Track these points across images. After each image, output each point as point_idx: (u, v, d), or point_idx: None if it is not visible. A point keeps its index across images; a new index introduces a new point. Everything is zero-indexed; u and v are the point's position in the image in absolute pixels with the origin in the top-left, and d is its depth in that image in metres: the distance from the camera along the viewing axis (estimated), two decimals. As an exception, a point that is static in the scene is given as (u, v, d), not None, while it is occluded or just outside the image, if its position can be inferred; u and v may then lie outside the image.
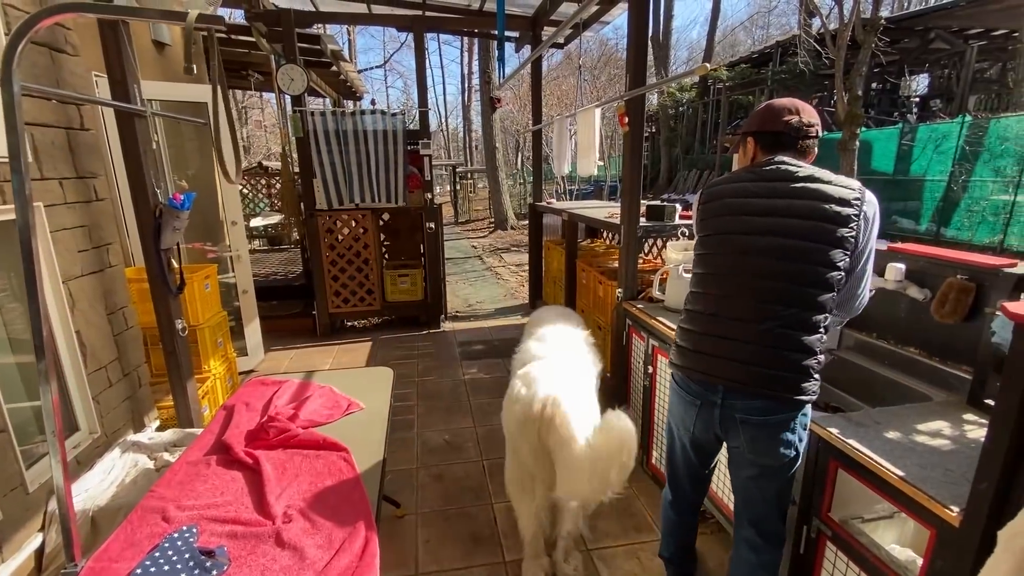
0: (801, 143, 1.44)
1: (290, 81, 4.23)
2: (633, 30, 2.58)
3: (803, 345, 1.33)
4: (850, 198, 1.32)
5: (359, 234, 4.77)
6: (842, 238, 1.30)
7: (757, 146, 1.49)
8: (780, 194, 1.37)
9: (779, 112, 1.44)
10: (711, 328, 1.44)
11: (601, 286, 3.32)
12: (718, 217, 1.47)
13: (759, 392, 1.35)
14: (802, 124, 1.42)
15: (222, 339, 3.42)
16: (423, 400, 3.51)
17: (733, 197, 1.45)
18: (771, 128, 1.45)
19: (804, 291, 1.32)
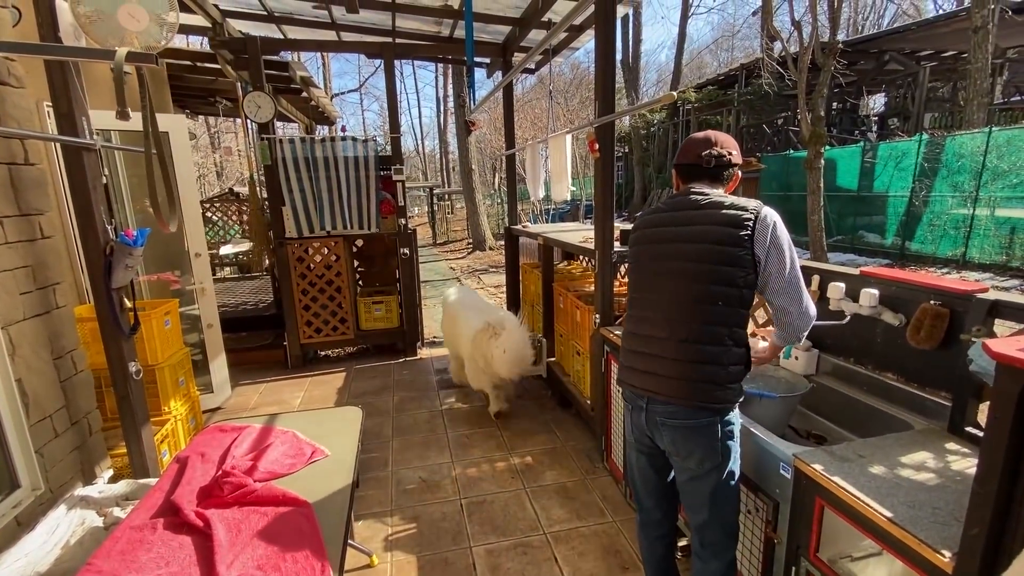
0: (715, 172, 1.53)
1: (257, 108, 4.15)
2: (601, 57, 2.58)
3: (710, 357, 1.44)
4: (741, 219, 1.41)
5: (331, 262, 4.65)
6: (735, 256, 1.40)
7: (678, 176, 1.61)
8: (682, 221, 1.50)
9: (694, 145, 1.55)
10: (635, 345, 1.58)
11: (579, 311, 3.28)
12: (637, 246, 1.62)
13: (671, 400, 1.48)
14: (712, 155, 1.51)
15: (184, 377, 3.25)
16: (398, 434, 3.39)
17: (649, 228, 1.60)
18: (685, 160, 1.57)
19: (705, 308, 1.44)
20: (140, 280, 3.94)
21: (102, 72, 3.81)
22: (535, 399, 3.88)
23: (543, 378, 4.02)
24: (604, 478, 2.82)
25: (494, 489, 2.74)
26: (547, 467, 2.95)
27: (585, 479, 2.82)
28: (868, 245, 8.86)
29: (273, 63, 4.61)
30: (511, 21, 4.20)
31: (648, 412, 1.54)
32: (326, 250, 4.66)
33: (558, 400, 3.75)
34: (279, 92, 5.56)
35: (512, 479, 2.83)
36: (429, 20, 4.51)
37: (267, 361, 4.83)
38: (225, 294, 6.70)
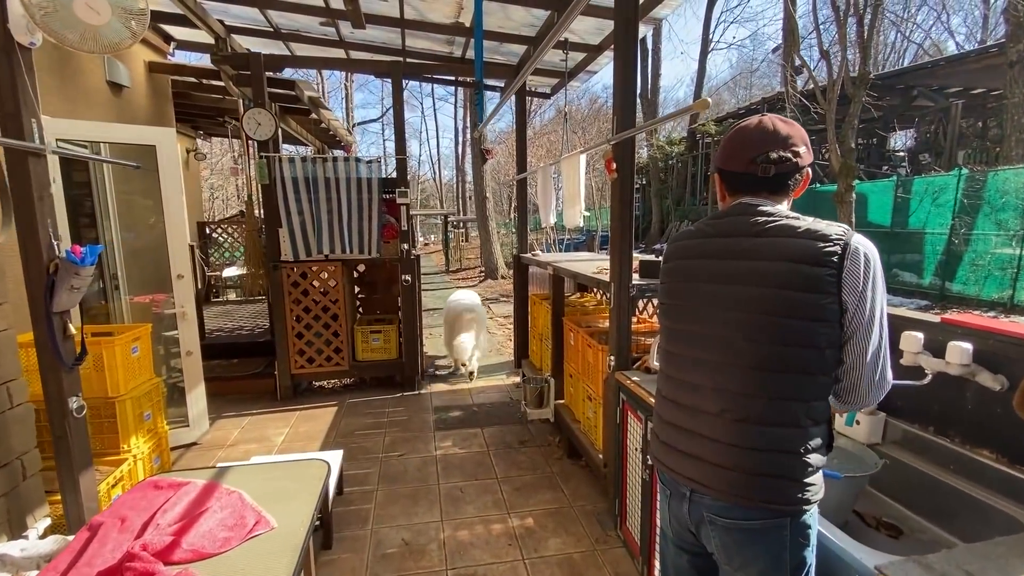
0: (777, 181, 1.11)
1: (257, 126, 3.96)
2: (620, 71, 2.30)
3: (780, 443, 1.04)
4: (823, 252, 1.00)
5: (328, 287, 4.38)
6: (815, 306, 1.00)
7: (723, 186, 1.20)
8: (735, 253, 1.10)
9: (747, 142, 1.11)
10: (674, 417, 1.20)
11: (591, 350, 2.91)
12: (671, 282, 1.23)
13: (724, 497, 1.09)
14: (772, 161, 1.08)
15: (151, 411, 2.94)
16: (384, 483, 3.01)
17: (686, 259, 1.20)
18: (732, 166, 1.14)
19: (773, 378, 1.04)
20: (130, 301, 3.71)
21: (96, 82, 3.66)
22: (540, 447, 3.48)
23: (550, 422, 3.63)
24: (617, 549, 2.41)
25: (487, 559, 2.34)
26: (551, 532, 2.54)
27: (595, 549, 2.41)
28: (903, 285, 8.35)
29: (279, 81, 4.46)
30: (526, 40, 4.00)
31: (692, 504, 1.16)
32: (324, 275, 4.39)
33: (566, 449, 3.35)
34: (287, 112, 5.43)
35: (509, 546, 2.43)
36: (440, 40, 4.34)
37: (255, 391, 4.52)
38: (224, 318, 6.46)
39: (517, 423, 3.86)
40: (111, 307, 3.69)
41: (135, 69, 4.11)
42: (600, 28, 3.77)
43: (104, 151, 3.40)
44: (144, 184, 3.60)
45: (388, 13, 3.69)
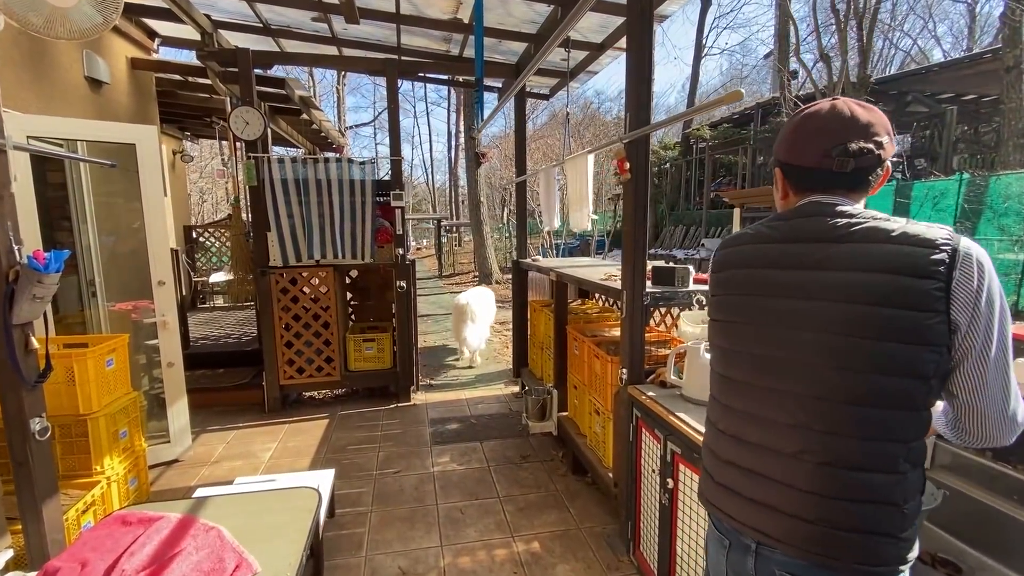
0: (857, 178, 0.93)
1: (245, 125, 3.78)
2: (634, 65, 2.15)
3: (874, 492, 0.86)
4: (927, 260, 0.82)
5: (319, 294, 4.19)
6: (918, 326, 0.81)
7: (787, 183, 1.02)
8: (815, 263, 0.91)
9: (818, 133, 0.93)
10: (735, 455, 1.01)
11: (599, 361, 2.75)
12: (728, 296, 1.04)
13: (803, 554, 0.91)
14: (853, 153, 0.89)
15: (128, 428, 2.74)
16: (379, 504, 2.82)
17: (745, 267, 1.01)
18: (801, 160, 0.96)
19: (866, 413, 0.85)
20: (109, 309, 3.50)
21: (74, 78, 3.47)
22: (543, 461, 3.31)
23: (552, 435, 3.46)
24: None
25: (491, 589, 2.17)
26: (559, 558, 2.37)
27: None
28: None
29: (268, 79, 4.29)
30: (526, 38, 3.85)
31: (759, 559, 0.97)
32: (315, 280, 4.20)
33: (570, 464, 3.18)
34: (277, 112, 5.25)
35: (515, 574, 2.26)
36: (437, 37, 4.19)
37: (242, 403, 4.31)
38: (210, 325, 6.24)
39: (518, 436, 3.69)
40: (88, 315, 3.48)
41: (116, 65, 3.92)
42: (603, 26, 3.64)
43: (81, 150, 3.20)
44: (124, 185, 3.40)
45: (383, 8, 3.53)
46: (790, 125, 0.99)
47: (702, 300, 2.30)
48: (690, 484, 1.80)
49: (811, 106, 0.98)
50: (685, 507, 1.84)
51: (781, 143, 1.01)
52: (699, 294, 2.34)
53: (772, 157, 1.09)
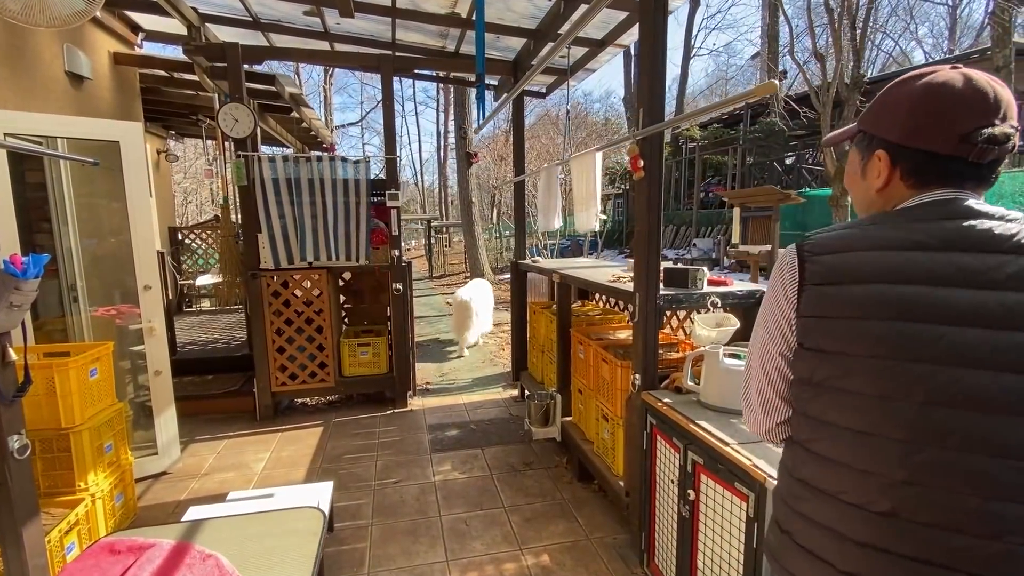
0: (991, 169, 0.79)
1: (234, 122, 3.64)
2: (648, 57, 2.07)
3: None
4: None
5: (312, 297, 4.06)
6: None
7: (897, 170, 0.82)
8: (994, 282, 0.71)
9: (953, 111, 0.75)
10: (886, 538, 0.74)
11: (607, 365, 2.67)
12: (856, 320, 0.76)
13: None
14: (997, 139, 0.73)
15: (113, 441, 2.60)
16: (380, 516, 2.71)
17: (885, 282, 0.75)
18: (927, 145, 0.78)
19: None
20: (93, 315, 3.34)
21: (54, 72, 3.31)
22: (547, 468, 3.22)
23: (556, 441, 3.37)
24: (645, 590, 2.16)
25: (502, 607, 2.07)
26: (570, 571, 2.28)
27: (620, 591, 2.15)
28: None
29: (258, 76, 4.15)
30: (525, 33, 3.76)
31: None
32: (308, 283, 4.07)
33: (576, 471, 3.10)
34: (266, 110, 5.10)
35: (525, 590, 2.16)
36: (433, 33, 4.08)
37: (233, 410, 4.16)
38: (197, 329, 6.06)
39: (520, 442, 3.60)
40: (70, 321, 3.32)
41: (98, 60, 3.76)
42: (605, 22, 3.56)
43: (62, 148, 3.04)
44: (108, 185, 3.25)
45: (379, 1, 3.42)
46: (905, 96, 0.79)
47: (717, 302, 2.23)
48: (713, 496, 1.72)
49: (931, 74, 0.79)
50: (707, 519, 1.76)
51: (891, 119, 0.81)
52: (713, 296, 2.26)
53: (863, 133, 0.87)
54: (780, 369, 0.89)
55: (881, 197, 0.86)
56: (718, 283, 2.41)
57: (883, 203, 0.86)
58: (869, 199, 0.88)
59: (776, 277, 0.88)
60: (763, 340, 0.91)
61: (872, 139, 0.85)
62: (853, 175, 0.92)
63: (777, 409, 0.92)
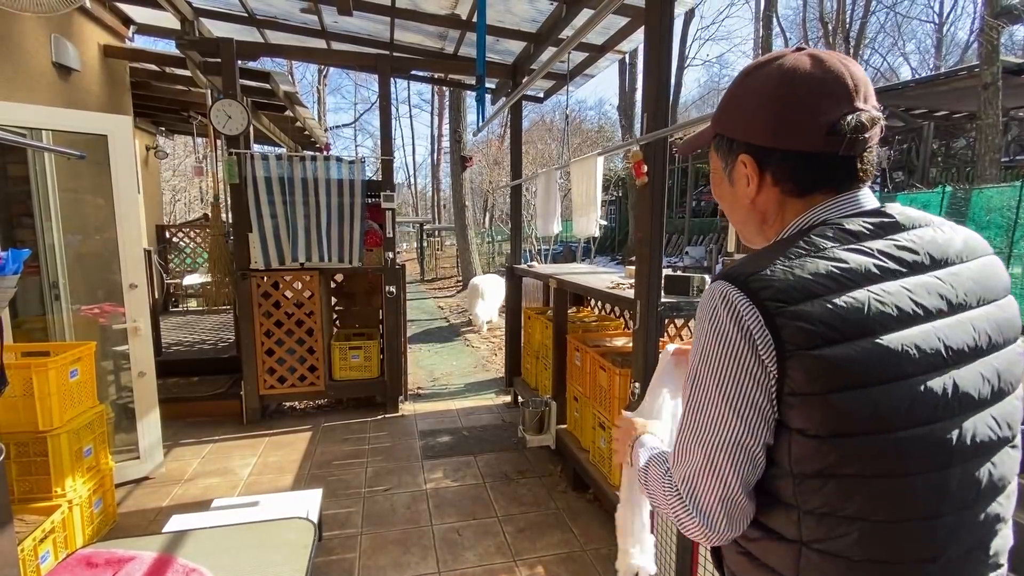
0: (863, 165, 0.70)
1: (227, 119, 3.56)
2: (653, 58, 2.05)
3: None
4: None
5: (303, 299, 3.98)
6: None
7: (768, 175, 0.72)
8: (965, 302, 0.65)
9: (816, 98, 0.67)
10: None
11: (604, 373, 2.63)
12: (895, 384, 0.60)
13: None
14: (865, 124, 0.66)
15: (93, 445, 2.50)
16: (369, 525, 2.64)
17: (899, 328, 0.61)
18: (800, 146, 0.69)
19: None
20: (80, 313, 3.23)
21: (40, 63, 3.22)
22: (541, 477, 3.17)
23: (551, 449, 3.32)
24: (642, 604, 2.10)
25: (496, 621, 2.01)
26: (565, 584, 2.23)
27: (617, 605, 2.10)
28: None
29: (252, 73, 4.08)
30: (525, 37, 3.73)
31: None
32: (299, 285, 3.99)
33: (571, 480, 3.05)
34: (261, 108, 5.02)
35: (519, 603, 2.11)
36: (432, 34, 4.04)
37: (219, 414, 4.05)
38: (183, 329, 5.93)
39: (513, 449, 3.54)
40: (51, 320, 3.22)
41: (87, 52, 3.67)
42: (606, 28, 3.54)
43: (47, 141, 2.95)
44: (94, 180, 3.16)
45: (378, 0, 3.37)
46: (757, 90, 0.71)
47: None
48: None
49: (777, 60, 0.70)
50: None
51: (746, 118, 0.72)
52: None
53: (720, 136, 0.77)
54: (757, 463, 0.66)
55: (757, 207, 0.76)
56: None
57: (761, 214, 0.76)
58: (744, 209, 0.77)
59: (727, 339, 0.64)
60: (735, 432, 0.64)
61: (731, 143, 0.75)
62: (719, 184, 0.80)
63: (745, 513, 0.68)
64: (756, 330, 0.61)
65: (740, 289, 0.63)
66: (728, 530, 0.68)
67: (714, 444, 0.66)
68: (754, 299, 0.62)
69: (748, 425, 0.64)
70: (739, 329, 0.63)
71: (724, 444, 0.65)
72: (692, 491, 0.69)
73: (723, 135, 0.77)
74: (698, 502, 0.68)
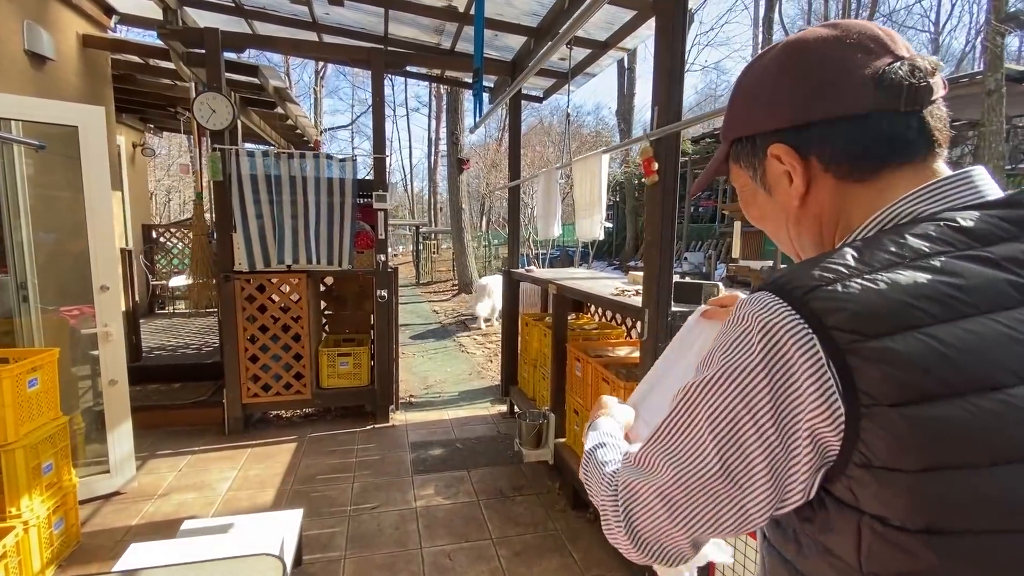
0: (939, 122, 0.53)
1: (211, 113, 3.38)
2: (664, 48, 1.89)
3: None
4: None
5: (290, 303, 3.79)
6: None
7: (813, 161, 0.56)
8: None
9: (849, 52, 0.53)
10: None
11: (608, 386, 2.46)
12: (1004, 467, 0.41)
13: None
14: (923, 67, 0.51)
15: (54, 460, 2.31)
16: (354, 547, 2.45)
17: None
18: (847, 107, 0.52)
19: None
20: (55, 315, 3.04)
21: (10, 50, 3.03)
22: (539, 494, 2.99)
23: (549, 464, 3.14)
24: (649, 640, 1.93)
25: (489, 661, 1.83)
26: (564, 617, 2.05)
27: (621, 641, 1.92)
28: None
29: (240, 66, 3.91)
30: (525, 31, 3.58)
31: None
32: (286, 288, 3.81)
33: (570, 498, 2.87)
34: (250, 104, 4.85)
35: (515, 639, 1.92)
36: (428, 28, 3.88)
37: (200, 422, 3.86)
38: (168, 333, 5.73)
39: (508, 463, 3.36)
40: (18, 323, 3.02)
41: (64, 41, 3.49)
42: (609, 22, 3.40)
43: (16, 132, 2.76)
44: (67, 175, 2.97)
45: (371, -10, 3.22)
46: (772, 64, 0.57)
47: (733, 321, 2.03)
48: (732, 540, 1.51)
49: (778, 43, 0.58)
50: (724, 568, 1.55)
51: (769, 100, 0.57)
52: (729, 314, 2.06)
53: (739, 142, 0.62)
54: (726, 526, 0.52)
55: (810, 209, 0.58)
56: (732, 300, 2.22)
57: (816, 217, 0.58)
58: (793, 219, 0.60)
59: (747, 382, 0.47)
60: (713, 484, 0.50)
61: (755, 141, 0.59)
62: (752, 202, 0.64)
63: (681, 555, 0.57)
64: (808, 374, 0.44)
65: (795, 308, 0.45)
66: (651, 559, 0.58)
67: (680, 480, 0.52)
68: (815, 325, 0.44)
69: (737, 485, 0.49)
70: (774, 372, 0.46)
71: (692, 488, 0.51)
72: (629, 506, 0.57)
73: (741, 138, 0.62)
74: (631, 520, 0.57)
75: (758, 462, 0.47)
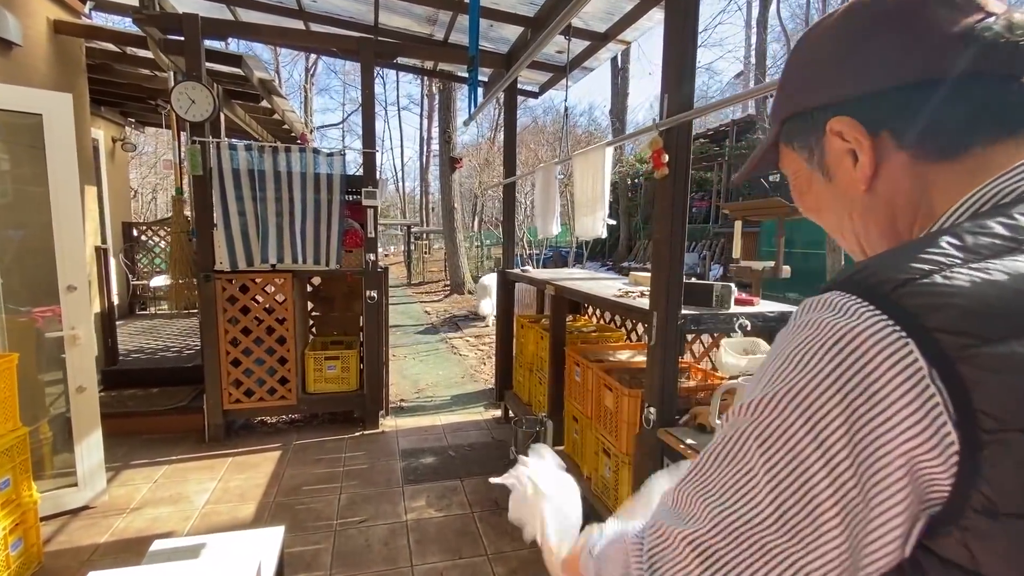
0: None
1: (190, 103, 3.21)
2: (674, 32, 1.76)
3: None
4: None
5: (274, 304, 3.62)
6: None
7: (885, 138, 0.45)
8: None
9: (926, 8, 0.42)
10: None
11: (610, 393, 2.32)
12: None
13: None
14: (1015, 22, 0.40)
15: (11, 476, 2.12)
16: (340, 566, 2.29)
17: None
18: (929, 70, 0.42)
19: None
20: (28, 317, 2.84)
21: (-30, 35, 2.83)
22: (536, 505, 2.84)
23: (546, 474, 2.99)
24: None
25: None
26: (566, 643, 1.90)
27: (628, 670, 1.78)
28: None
29: (222, 56, 3.72)
30: (522, 21, 3.44)
31: None
32: (270, 288, 3.63)
33: (569, 510, 2.72)
34: (234, 97, 4.66)
35: (513, 669, 1.78)
36: (420, 17, 3.73)
37: (179, 430, 3.67)
38: (148, 335, 5.51)
39: (504, 472, 3.20)
40: (-19, 325, 2.82)
41: (33, 26, 3.29)
42: (609, 13, 3.27)
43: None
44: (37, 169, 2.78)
45: (360, -24, 3.06)
46: (832, 28, 0.48)
47: (746, 324, 1.90)
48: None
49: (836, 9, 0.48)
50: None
51: (834, 67, 0.47)
52: (742, 317, 1.94)
53: (791, 119, 0.53)
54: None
55: (880, 195, 0.47)
56: (743, 302, 2.09)
57: (888, 205, 0.47)
58: (859, 207, 0.49)
59: (813, 412, 0.36)
60: (766, 535, 0.38)
61: (811, 116, 0.49)
62: (807, 190, 0.54)
63: None
64: (903, 391, 0.33)
65: (881, 308, 0.35)
66: None
67: (722, 528, 0.40)
68: (911, 327, 0.34)
69: (797, 540, 0.37)
70: (853, 392, 0.35)
71: (737, 540, 0.39)
72: (654, 556, 0.44)
73: (795, 114, 0.52)
74: (655, 573, 0.44)
75: (827, 509, 0.36)
